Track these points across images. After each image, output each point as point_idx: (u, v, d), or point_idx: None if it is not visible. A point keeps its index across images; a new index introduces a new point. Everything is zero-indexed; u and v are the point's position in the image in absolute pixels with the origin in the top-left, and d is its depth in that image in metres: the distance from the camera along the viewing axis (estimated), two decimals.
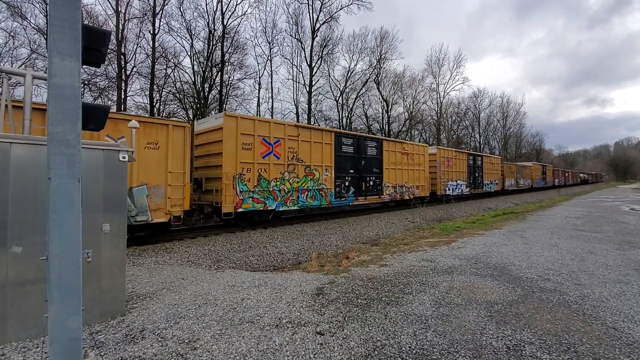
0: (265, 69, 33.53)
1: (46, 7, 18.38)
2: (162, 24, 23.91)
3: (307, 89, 31.59)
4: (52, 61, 2.04)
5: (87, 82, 20.18)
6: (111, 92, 22.11)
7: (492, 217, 14.51)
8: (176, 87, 25.90)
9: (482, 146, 57.13)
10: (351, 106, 36.37)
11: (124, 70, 22.30)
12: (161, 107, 24.84)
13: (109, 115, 3.03)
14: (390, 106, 39.51)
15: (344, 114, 36.11)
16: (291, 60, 32.77)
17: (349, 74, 35.87)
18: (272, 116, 30.42)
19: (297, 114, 32.52)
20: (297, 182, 11.50)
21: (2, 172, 3.20)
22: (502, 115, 61.72)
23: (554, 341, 3.21)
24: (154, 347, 3.13)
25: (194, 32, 25.75)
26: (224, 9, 25.76)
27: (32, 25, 19.53)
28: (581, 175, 71.62)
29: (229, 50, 26.58)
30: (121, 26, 21.93)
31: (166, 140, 8.22)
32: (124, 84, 22.13)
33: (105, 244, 3.75)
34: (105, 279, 3.76)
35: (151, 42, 23.24)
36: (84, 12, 20.54)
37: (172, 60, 25.26)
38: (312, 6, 30.72)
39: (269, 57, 31.18)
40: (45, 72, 4.90)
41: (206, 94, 25.48)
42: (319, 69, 32.84)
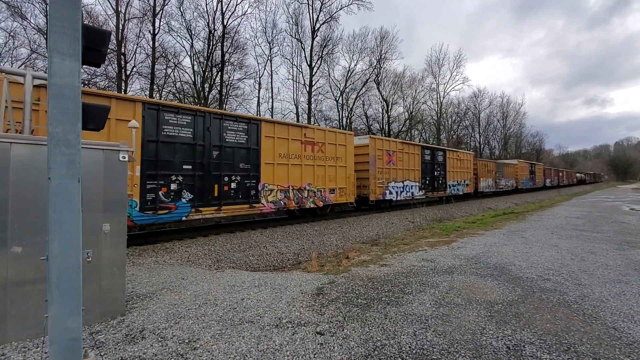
0: (265, 69, 33.63)
1: (46, 7, 18.38)
2: (162, 24, 23.95)
3: (307, 89, 31.61)
4: (52, 61, 2.04)
5: (87, 82, 20.18)
6: (111, 92, 22.09)
7: (492, 217, 14.51)
8: (176, 87, 25.94)
9: (482, 146, 57.17)
10: (351, 106, 36.40)
11: (124, 70, 22.31)
12: None
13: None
14: (390, 106, 39.55)
15: (344, 114, 36.14)
16: (291, 60, 32.82)
17: (349, 74, 35.92)
18: (272, 116, 30.44)
19: (297, 114, 32.53)
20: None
21: (2, 172, 3.20)
22: (502, 115, 61.80)
23: (554, 341, 3.21)
24: (154, 347, 3.13)
25: (194, 32, 25.78)
26: (224, 9, 25.79)
27: (32, 25, 19.55)
28: (577, 175, 68.11)
29: (229, 50, 26.61)
30: (121, 26, 21.94)
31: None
32: (124, 84, 22.13)
33: (105, 244, 3.75)
34: (105, 279, 3.76)
35: (151, 42, 23.26)
36: (84, 12, 20.54)
37: (172, 60, 25.29)
38: (312, 6, 30.77)
39: (269, 57, 31.23)
40: (45, 72, 4.90)
41: (206, 94, 25.48)
42: (319, 69, 32.90)
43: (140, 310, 4.05)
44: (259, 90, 31.34)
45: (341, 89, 35.72)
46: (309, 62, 31.57)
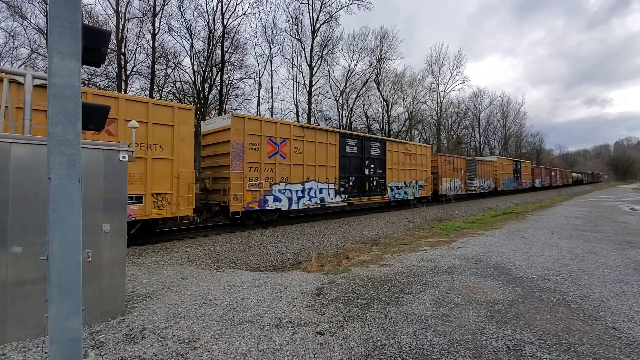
0: (265, 68, 33.61)
1: (46, 7, 18.38)
2: (162, 24, 23.94)
3: (307, 89, 31.61)
4: (52, 61, 2.04)
5: (87, 82, 20.18)
6: (111, 92, 22.11)
7: (492, 217, 14.52)
8: (176, 87, 25.94)
9: (482, 146, 57.17)
10: (351, 106, 36.40)
11: (124, 70, 22.31)
12: None
13: None
14: (390, 106, 39.54)
15: (344, 114, 36.14)
16: (291, 60, 32.81)
17: (349, 74, 35.91)
18: (272, 116, 30.44)
19: (297, 113, 32.54)
20: None
21: (3, 172, 3.20)
22: (502, 115, 61.80)
23: (554, 341, 3.21)
24: (154, 347, 3.13)
25: (194, 32, 25.78)
26: (224, 9, 25.79)
27: (32, 25, 19.56)
28: (574, 174, 63.30)
29: (229, 50, 26.60)
30: (121, 26, 21.94)
31: None
32: (124, 84, 22.13)
33: (105, 244, 3.76)
34: (105, 279, 3.76)
35: (151, 42, 23.26)
36: (84, 12, 20.54)
37: (172, 60, 25.29)
38: (312, 6, 30.76)
39: (269, 57, 31.22)
40: (45, 72, 4.90)
41: (206, 94, 25.48)
42: (319, 68, 32.89)
43: (140, 310, 4.05)
44: (259, 90, 31.36)
45: (341, 89, 35.74)
46: (309, 62, 31.58)
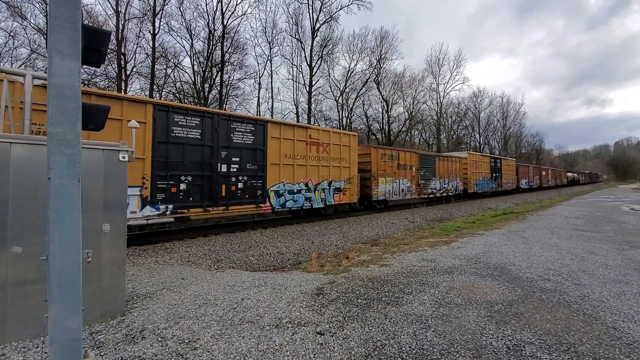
0: (265, 69, 33.66)
1: (46, 7, 18.38)
2: (162, 24, 23.95)
3: (307, 89, 31.61)
4: (52, 61, 2.04)
5: (87, 82, 20.18)
6: (111, 92, 22.10)
7: (492, 217, 14.51)
8: (176, 87, 25.95)
9: (482, 146, 57.14)
10: (351, 106, 36.38)
11: (124, 70, 22.31)
12: None
13: None
14: (390, 106, 39.53)
15: (344, 114, 36.13)
16: (291, 60, 32.81)
17: (349, 74, 35.90)
18: (272, 116, 30.43)
19: (297, 113, 32.54)
20: None
21: (2, 172, 3.20)
22: (502, 115, 61.74)
23: (554, 341, 3.21)
24: (154, 347, 3.13)
25: (194, 32, 25.78)
26: (224, 9, 25.79)
27: (32, 25, 19.56)
28: (569, 174, 58.58)
29: (229, 50, 26.61)
30: (121, 26, 21.94)
31: None
32: (124, 84, 22.13)
33: (105, 244, 3.75)
34: (105, 279, 3.76)
35: (151, 42, 23.26)
36: (84, 12, 20.54)
37: (172, 60, 25.30)
38: (312, 6, 30.76)
39: (269, 57, 31.22)
40: (45, 72, 4.90)
41: (206, 94, 25.48)
42: (319, 69, 32.89)
43: (140, 310, 4.05)
44: (259, 90, 31.37)
45: (341, 89, 35.73)
46: (309, 62, 31.57)
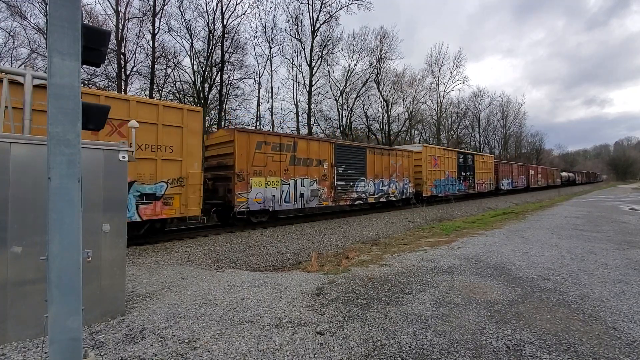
0: (265, 68, 33.63)
1: (46, 7, 18.38)
2: (162, 23, 23.89)
3: (307, 89, 31.58)
4: (52, 61, 2.04)
5: (87, 82, 20.18)
6: (111, 92, 22.11)
7: (492, 216, 14.51)
8: (176, 87, 25.92)
9: (482, 146, 57.12)
10: (351, 106, 36.33)
11: (123, 70, 22.30)
12: None
13: None
14: (390, 106, 39.50)
15: (344, 114, 36.11)
16: (291, 60, 32.76)
17: (349, 74, 35.85)
18: (272, 116, 30.45)
19: (297, 113, 32.52)
20: None
21: (2, 172, 3.20)
22: (502, 115, 61.66)
23: (553, 341, 3.21)
24: (154, 347, 3.13)
25: (193, 32, 25.74)
26: (224, 9, 25.76)
27: (32, 25, 19.54)
28: (563, 174, 53.84)
29: (229, 50, 26.58)
30: (121, 26, 21.92)
31: None
32: (123, 84, 22.12)
33: (105, 244, 3.75)
34: (105, 279, 3.76)
35: (151, 42, 23.24)
36: (84, 12, 20.54)
37: (172, 60, 25.27)
38: (312, 6, 30.71)
39: (269, 57, 31.18)
40: (45, 72, 4.89)
41: (206, 94, 25.47)
42: (319, 68, 32.82)
43: (140, 310, 4.05)
44: (259, 90, 31.29)
45: (341, 89, 35.68)
46: (309, 62, 31.54)
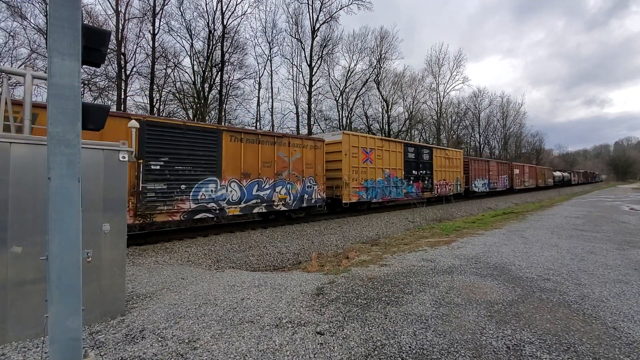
0: (265, 68, 33.54)
1: (46, 7, 18.37)
2: (162, 23, 23.90)
3: (307, 89, 31.58)
4: (52, 61, 2.04)
5: (87, 82, 20.17)
6: (111, 92, 22.12)
7: (492, 217, 14.51)
8: (176, 87, 25.91)
9: (482, 146, 57.11)
10: (351, 106, 36.35)
11: (123, 70, 22.30)
12: (161, 107, 24.85)
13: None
14: (390, 106, 39.51)
15: (344, 114, 36.11)
16: (291, 60, 32.76)
17: (349, 74, 35.86)
18: (272, 116, 30.42)
19: (297, 113, 32.52)
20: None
21: (2, 172, 3.19)
22: (502, 115, 61.64)
23: (553, 341, 3.21)
24: (154, 347, 3.13)
25: (194, 32, 25.74)
26: (224, 9, 25.76)
27: (32, 25, 19.53)
28: (556, 173, 48.56)
29: (229, 50, 26.58)
30: (121, 26, 21.92)
31: None
32: (123, 84, 22.12)
33: (105, 244, 3.75)
34: (105, 279, 3.76)
35: (151, 42, 23.24)
36: (84, 12, 20.53)
37: (172, 60, 25.26)
38: (312, 6, 30.71)
39: (269, 57, 31.18)
40: (45, 72, 4.89)
41: (206, 94, 25.47)
42: (319, 68, 32.83)
43: (140, 310, 4.05)
44: (259, 90, 31.30)
45: (341, 89, 35.69)
46: (309, 62, 31.54)
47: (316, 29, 31.02)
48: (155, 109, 23.47)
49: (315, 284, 5.05)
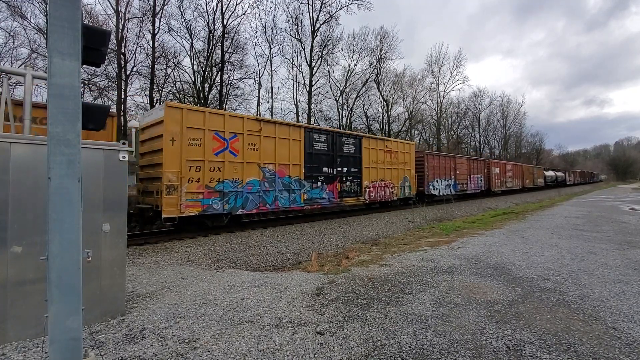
0: (265, 68, 33.58)
1: (46, 7, 18.37)
2: (162, 23, 23.94)
3: (307, 89, 31.60)
4: (52, 61, 2.04)
5: (87, 82, 20.18)
6: (111, 91, 22.14)
7: (492, 217, 14.51)
8: (176, 87, 25.95)
9: (482, 146, 57.12)
10: (351, 106, 36.38)
11: (124, 70, 22.31)
12: None
13: None
14: (390, 106, 39.53)
15: (344, 114, 36.13)
16: (291, 60, 32.80)
17: (349, 74, 35.90)
18: (272, 116, 30.40)
19: (297, 113, 32.53)
20: None
21: (2, 172, 3.19)
22: (502, 115, 61.72)
23: (553, 341, 3.21)
24: (154, 346, 3.13)
25: (194, 32, 25.77)
26: (224, 9, 25.78)
27: (32, 25, 19.56)
28: (548, 173, 43.64)
29: (229, 50, 26.60)
30: (121, 26, 21.94)
31: None
32: (124, 84, 22.13)
33: (105, 244, 3.75)
34: (105, 279, 3.76)
35: (151, 42, 23.26)
36: (84, 12, 20.53)
37: (172, 60, 25.30)
38: (312, 6, 30.76)
39: (269, 57, 31.22)
40: (45, 72, 4.90)
41: (206, 94, 25.48)
42: (319, 68, 32.89)
43: (140, 310, 4.05)
44: (259, 90, 31.36)
45: (341, 89, 35.72)
46: (309, 62, 31.57)
47: (316, 28, 31.05)
48: None
49: (315, 283, 5.05)
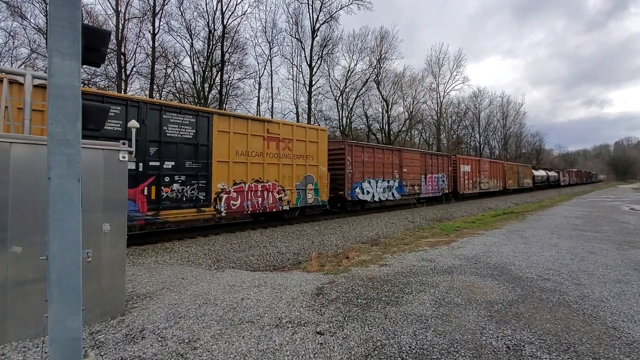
0: (265, 68, 33.50)
1: (46, 7, 18.37)
2: (162, 23, 23.93)
3: (307, 89, 31.60)
4: (52, 61, 2.04)
5: (87, 82, 20.18)
6: (111, 92, 22.11)
7: (492, 217, 14.51)
8: (176, 87, 25.95)
9: (482, 146, 57.11)
10: (351, 106, 36.36)
11: (124, 70, 22.31)
12: None
13: None
14: (390, 106, 39.51)
15: (344, 114, 36.12)
16: (291, 60, 32.78)
17: (349, 74, 35.87)
18: (272, 116, 30.41)
19: (297, 113, 32.53)
20: None
21: (2, 172, 3.19)
22: (502, 115, 61.69)
23: (553, 341, 3.21)
24: (154, 346, 3.13)
25: (193, 32, 25.77)
26: (224, 9, 25.78)
27: (32, 25, 19.56)
28: (538, 173, 39.19)
29: (229, 50, 26.60)
30: (121, 26, 21.94)
31: None
32: (124, 84, 22.13)
33: (105, 244, 3.76)
34: (105, 279, 3.76)
35: (151, 42, 23.26)
36: (84, 12, 20.54)
37: (172, 60, 25.30)
38: (312, 6, 30.74)
39: (269, 57, 31.21)
40: (45, 72, 4.90)
41: (206, 94, 25.48)
42: (319, 68, 32.86)
43: (140, 310, 4.05)
44: (259, 90, 31.34)
45: (341, 89, 35.70)
46: (309, 62, 31.56)
47: (316, 28, 31.04)
48: None
49: (315, 284, 5.05)
